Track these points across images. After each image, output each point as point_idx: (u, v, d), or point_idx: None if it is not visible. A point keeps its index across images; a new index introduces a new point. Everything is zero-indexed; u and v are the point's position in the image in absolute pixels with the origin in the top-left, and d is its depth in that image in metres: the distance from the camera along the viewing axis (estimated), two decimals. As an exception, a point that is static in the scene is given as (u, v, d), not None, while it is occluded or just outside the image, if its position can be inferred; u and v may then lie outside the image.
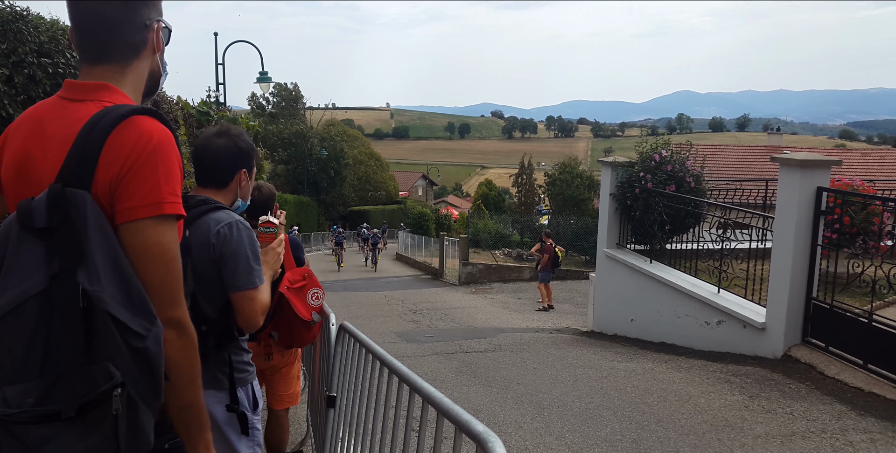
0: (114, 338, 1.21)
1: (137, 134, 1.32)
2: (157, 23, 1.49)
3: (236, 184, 2.20)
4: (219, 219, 2.03)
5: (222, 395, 2.07)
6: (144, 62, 1.50)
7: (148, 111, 1.38)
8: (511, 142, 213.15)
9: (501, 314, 13.04)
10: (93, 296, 1.20)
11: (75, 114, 1.36)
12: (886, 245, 6.20)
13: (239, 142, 2.20)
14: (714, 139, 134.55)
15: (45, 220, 1.24)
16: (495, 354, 7.77)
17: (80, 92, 1.42)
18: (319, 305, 2.86)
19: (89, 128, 1.31)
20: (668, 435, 4.54)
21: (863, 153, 26.49)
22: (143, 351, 1.24)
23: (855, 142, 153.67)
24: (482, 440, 1.53)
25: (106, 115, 1.33)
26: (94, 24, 1.41)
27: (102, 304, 1.20)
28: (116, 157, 1.30)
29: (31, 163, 1.37)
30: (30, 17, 4.66)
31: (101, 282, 1.22)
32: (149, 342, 1.25)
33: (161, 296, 1.32)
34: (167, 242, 1.34)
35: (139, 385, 1.24)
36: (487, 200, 44.50)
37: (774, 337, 6.28)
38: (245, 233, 2.04)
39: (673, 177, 8.44)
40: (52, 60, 4.56)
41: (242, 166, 2.20)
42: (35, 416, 1.17)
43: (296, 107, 52.59)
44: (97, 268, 1.22)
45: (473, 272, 20.05)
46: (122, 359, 1.21)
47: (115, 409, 1.20)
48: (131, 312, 1.24)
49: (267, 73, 16.45)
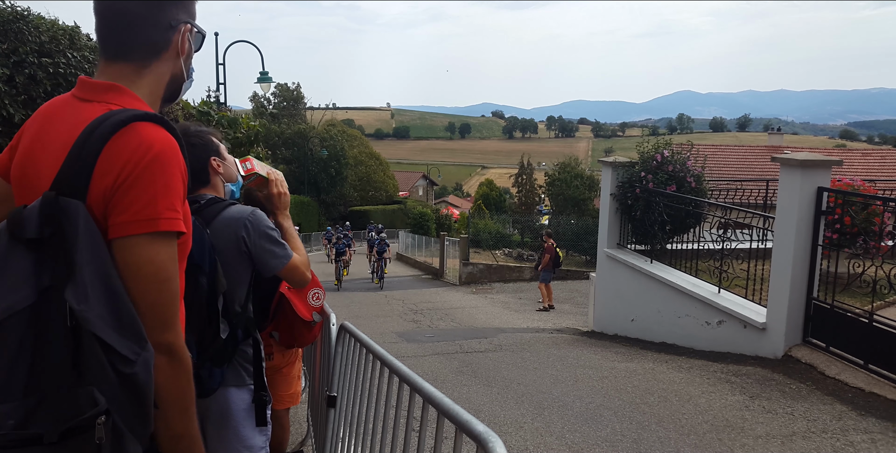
0: (100, 362, 1.12)
1: (137, 142, 1.23)
2: (184, 25, 1.40)
3: (215, 172, 2.28)
4: (240, 213, 2.15)
5: (242, 392, 2.15)
6: (165, 64, 1.41)
7: (152, 117, 1.29)
8: (512, 142, 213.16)
9: (502, 314, 13.04)
10: (79, 315, 1.11)
11: (81, 115, 1.29)
12: (887, 245, 6.20)
13: (192, 140, 2.22)
14: (715, 139, 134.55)
15: (36, 231, 1.16)
16: (496, 354, 7.77)
17: (90, 91, 1.34)
18: (320, 305, 2.86)
19: (88, 133, 1.23)
20: (668, 436, 4.54)
21: (863, 153, 26.46)
22: (132, 377, 1.15)
23: (856, 142, 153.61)
24: (483, 440, 1.53)
25: (106, 120, 1.25)
26: (117, 18, 1.34)
27: (88, 325, 1.12)
28: (112, 167, 1.21)
29: (31, 165, 1.31)
30: (30, 17, 4.67)
31: (88, 301, 1.13)
32: (137, 367, 1.16)
33: (153, 319, 1.23)
34: (161, 261, 1.24)
35: (126, 413, 1.15)
36: (488, 200, 44.48)
37: (775, 337, 6.28)
38: (264, 219, 2.19)
39: (674, 177, 8.44)
40: (52, 60, 4.57)
41: (211, 156, 2.27)
42: (15, 440, 1.08)
43: (297, 107, 52.65)
44: (86, 286, 1.14)
45: (474, 272, 20.06)
46: (108, 385, 1.13)
47: (97, 438, 1.11)
48: (120, 335, 1.15)
49: (267, 73, 16.45)
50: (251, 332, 2.19)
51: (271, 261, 2.16)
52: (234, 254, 2.11)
